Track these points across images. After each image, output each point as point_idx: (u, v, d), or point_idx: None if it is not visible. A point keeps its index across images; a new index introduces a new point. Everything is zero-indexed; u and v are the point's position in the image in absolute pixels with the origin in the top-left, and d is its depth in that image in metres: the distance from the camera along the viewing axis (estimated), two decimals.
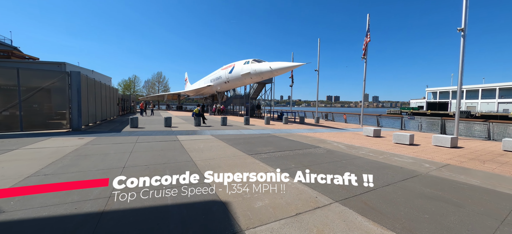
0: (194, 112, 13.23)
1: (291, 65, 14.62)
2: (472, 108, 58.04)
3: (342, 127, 15.33)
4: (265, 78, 18.08)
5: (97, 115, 12.95)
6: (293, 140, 8.75)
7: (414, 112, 65.12)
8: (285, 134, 10.34)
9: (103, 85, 14.92)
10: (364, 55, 16.39)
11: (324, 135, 10.62)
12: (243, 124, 14.86)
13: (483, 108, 56.79)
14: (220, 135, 9.44)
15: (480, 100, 57.99)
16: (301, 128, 13.82)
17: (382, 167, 5.07)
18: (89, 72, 29.36)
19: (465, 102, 61.52)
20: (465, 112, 52.87)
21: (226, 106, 30.63)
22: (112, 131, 9.95)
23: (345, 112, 22.89)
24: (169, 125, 12.21)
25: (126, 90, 54.29)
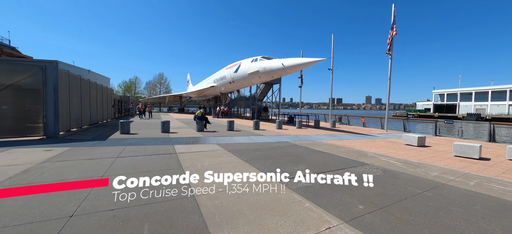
0: (196, 115, 11.34)
1: (308, 62, 12.64)
2: (482, 110, 55.91)
3: (366, 132, 13.32)
4: (275, 77, 16.18)
5: (84, 119, 11.12)
6: (324, 152, 6.79)
7: (421, 115, 63.17)
8: (308, 143, 8.39)
9: (94, 84, 13.12)
10: (389, 50, 14.41)
11: (356, 144, 8.64)
12: (252, 129, 12.93)
13: (493, 110, 54.62)
14: (229, 144, 7.51)
15: (489, 102, 55.98)
16: (320, 133, 11.84)
17: (499, 207, 3.10)
18: (85, 72, 27.72)
19: (474, 105, 59.33)
20: (474, 115, 50.68)
21: (230, 108, 28.78)
22: (96, 139, 8.09)
23: (363, 115, 20.87)
24: (166, 131, 10.33)
25: (126, 92, 52.79)
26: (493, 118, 47.77)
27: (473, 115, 50.65)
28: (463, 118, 49.63)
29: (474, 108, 57.79)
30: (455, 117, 52.77)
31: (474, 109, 57.20)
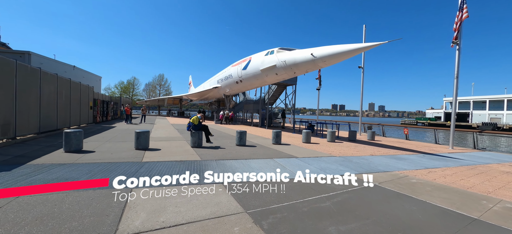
0: (190, 123, 7.59)
1: (352, 49, 8.66)
2: (497, 120, 52.27)
3: (429, 150, 9.44)
4: (298, 74, 12.44)
5: (22, 124, 7.47)
6: (463, 216, 2.98)
7: (431, 123, 59.59)
8: (386, 178, 4.61)
9: (52, 76, 9.53)
10: (455, 38, 10.66)
11: (459, 180, 4.81)
12: (270, 142, 9.20)
13: (510, 120, 50.91)
14: (245, 183, 3.73)
15: (505, 111, 52.30)
16: (374, 153, 8.02)
17: None
18: (69, 68, 24.36)
19: (488, 113, 55.75)
20: (490, 124, 47.25)
21: (235, 113, 25.08)
22: (3, 166, 4.40)
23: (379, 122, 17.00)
24: (143, 146, 6.62)
25: (124, 93, 49.54)
26: (510, 128, 44.21)
27: (489, 124, 47.86)
28: (478, 127, 46.20)
29: (488, 117, 54.89)
30: (469, 126, 49.19)
31: (488, 118, 54.16)
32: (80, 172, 4.11)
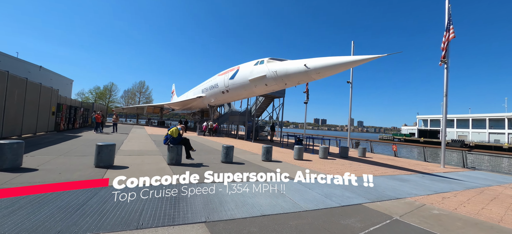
0: (168, 135, 6.42)
1: (347, 61, 8.19)
2: (464, 137, 56.53)
3: (422, 170, 9.06)
4: (290, 85, 11.82)
5: None
6: None
7: (407, 139, 62.78)
8: (404, 211, 3.85)
9: (2, 73, 7.88)
10: (443, 57, 10.78)
11: (480, 209, 4.22)
12: (259, 158, 8.25)
13: (475, 137, 55.35)
14: (236, 221, 2.74)
15: (471, 130, 57.03)
16: (374, 173, 7.34)
17: None
18: (35, 68, 21.81)
19: (456, 131, 60.12)
20: (458, 141, 50.87)
21: (219, 124, 23.86)
22: None
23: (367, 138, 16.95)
24: (106, 164, 5.30)
25: (99, 99, 45.99)
26: (476, 145, 47.84)
27: (458, 141, 51.58)
28: (448, 144, 49.40)
29: (456, 134, 59.29)
30: (439, 142, 52.41)
31: (456, 136, 58.46)
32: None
